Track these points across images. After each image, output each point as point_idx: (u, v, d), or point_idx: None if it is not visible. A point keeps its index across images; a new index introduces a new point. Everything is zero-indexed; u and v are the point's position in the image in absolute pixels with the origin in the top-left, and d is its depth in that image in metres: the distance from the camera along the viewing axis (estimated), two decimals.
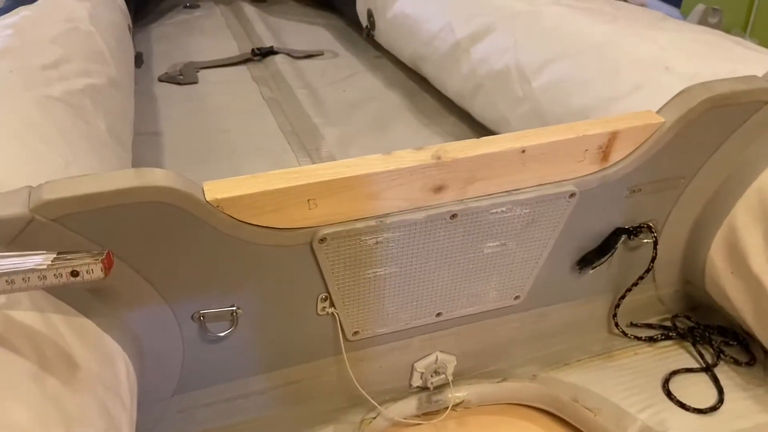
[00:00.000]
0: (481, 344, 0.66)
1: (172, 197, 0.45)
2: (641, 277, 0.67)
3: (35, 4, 0.95)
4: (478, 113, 1.06)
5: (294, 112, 1.23)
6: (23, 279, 0.35)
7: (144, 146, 1.06)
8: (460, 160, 0.52)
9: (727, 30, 1.47)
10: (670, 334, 0.72)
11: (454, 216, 0.55)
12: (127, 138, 0.85)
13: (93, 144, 0.66)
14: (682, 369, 0.67)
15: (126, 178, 0.44)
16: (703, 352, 0.70)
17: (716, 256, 0.65)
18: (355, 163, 0.51)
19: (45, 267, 0.35)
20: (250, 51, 1.50)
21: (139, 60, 1.40)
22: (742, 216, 0.62)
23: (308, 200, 0.50)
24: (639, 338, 0.71)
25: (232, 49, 1.57)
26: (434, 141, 1.12)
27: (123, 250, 0.46)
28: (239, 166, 1.05)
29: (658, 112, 0.59)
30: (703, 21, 1.35)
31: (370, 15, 1.45)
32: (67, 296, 0.44)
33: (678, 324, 0.73)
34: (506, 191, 0.56)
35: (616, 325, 0.71)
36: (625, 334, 0.71)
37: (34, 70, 0.71)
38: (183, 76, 1.39)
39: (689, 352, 0.70)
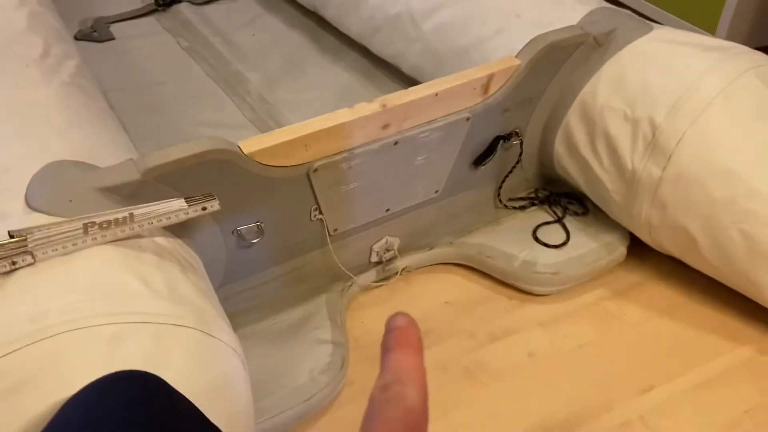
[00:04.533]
0: (415, 226, 0.95)
1: (226, 155, 0.69)
2: (514, 167, 0.98)
3: None
4: (378, 50, 1.29)
5: (215, 61, 1.40)
6: (175, 215, 0.59)
7: None
8: (398, 106, 0.79)
9: None
10: (534, 201, 1.04)
11: (396, 143, 0.82)
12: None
13: (107, 117, 0.85)
14: (543, 222, 0.99)
15: (197, 146, 0.66)
16: (556, 210, 1.03)
17: (559, 146, 0.97)
18: (332, 117, 0.76)
19: (187, 206, 0.59)
20: (153, 1, 1.61)
21: None
22: (572, 118, 0.94)
23: (305, 145, 0.75)
24: (515, 207, 1.04)
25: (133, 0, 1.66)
26: (343, 76, 1.35)
27: (194, 192, 0.69)
28: (189, 114, 1.23)
29: (516, 56, 0.88)
30: None
31: None
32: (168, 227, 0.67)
33: (539, 194, 1.04)
34: (427, 122, 0.83)
35: (500, 201, 1.03)
36: (506, 207, 1.03)
37: (38, 61, 0.86)
38: (98, 33, 1.49)
39: (547, 212, 1.02)
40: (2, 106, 0.74)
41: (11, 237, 0.54)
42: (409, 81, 1.24)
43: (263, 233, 0.80)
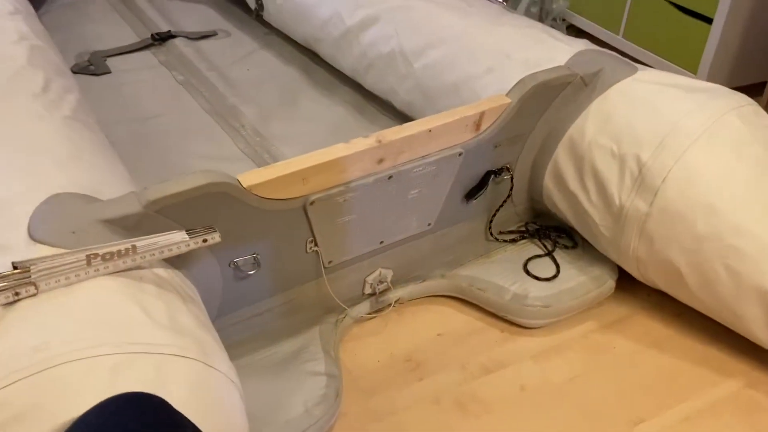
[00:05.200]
0: (408, 259, 0.97)
1: (224, 187, 0.70)
2: (504, 201, 1.01)
3: None
4: (370, 86, 1.33)
5: (210, 94, 1.42)
6: (177, 247, 0.60)
7: None
8: (393, 141, 0.81)
9: None
10: (525, 235, 1.06)
11: (390, 177, 0.84)
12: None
13: (107, 150, 0.87)
14: (534, 255, 1.01)
15: (198, 179, 0.68)
16: (546, 243, 1.05)
17: (548, 181, 1.00)
18: (329, 151, 0.78)
19: (188, 239, 0.60)
20: (149, 36, 1.64)
21: None
22: (561, 154, 0.96)
23: (302, 178, 0.77)
24: (506, 240, 1.06)
25: (127, 33, 1.69)
26: (336, 110, 1.38)
27: (193, 224, 0.71)
28: (184, 146, 1.24)
29: (506, 95, 0.91)
30: (527, 12, 1.73)
31: None
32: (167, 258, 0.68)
33: (529, 228, 1.07)
34: (421, 156, 0.85)
35: (491, 234, 1.05)
36: (497, 240, 1.05)
37: (39, 95, 0.88)
38: (94, 67, 1.51)
39: (537, 245, 1.04)
40: (5, 139, 0.75)
41: (15, 268, 0.55)
42: (400, 116, 1.27)
43: (259, 265, 0.81)
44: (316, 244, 0.84)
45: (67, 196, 0.66)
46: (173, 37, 1.64)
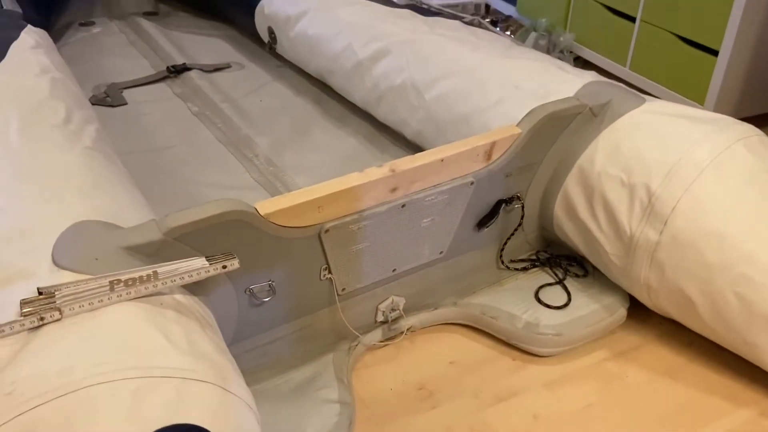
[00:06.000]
0: (421, 287, 0.98)
1: (242, 215, 0.72)
2: (515, 230, 1.02)
3: (4, 61, 1.09)
4: (382, 117, 1.35)
5: (224, 125, 1.45)
6: (197, 273, 0.61)
7: None
8: (406, 171, 0.83)
9: (552, 30, 1.89)
10: (536, 263, 1.07)
11: (403, 206, 0.86)
12: None
13: (126, 179, 0.89)
14: (545, 284, 1.02)
15: (217, 207, 0.70)
16: (557, 271, 1.06)
17: (559, 210, 1.01)
18: (344, 180, 0.79)
19: (208, 265, 0.62)
20: (165, 69, 1.68)
21: None
22: (571, 184, 0.98)
23: (318, 207, 0.78)
24: (517, 269, 1.07)
25: (143, 65, 1.74)
26: (348, 140, 1.41)
27: (210, 251, 0.72)
28: (198, 176, 1.27)
29: (517, 125, 0.93)
30: (536, 45, 1.77)
31: (271, 32, 1.68)
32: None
33: (540, 256, 1.08)
34: (433, 186, 0.87)
35: (503, 262, 1.06)
36: (508, 268, 1.06)
37: (61, 126, 0.90)
38: (111, 98, 1.55)
39: (548, 273, 1.05)
40: (30, 169, 0.77)
41: (40, 294, 0.56)
42: (411, 146, 1.29)
43: (274, 292, 0.82)
44: (330, 272, 0.85)
45: (90, 224, 0.68)
46: (188, 69, 1.69)
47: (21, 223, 0.67)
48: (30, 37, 1.18)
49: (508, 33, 1.95)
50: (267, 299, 0.82)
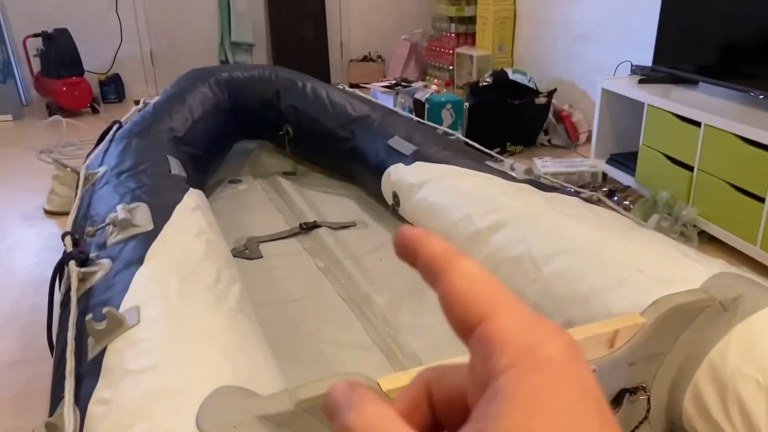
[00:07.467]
0: None
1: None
2: (641, 422, 0.97)
3: (169, 222, 1.24)
4: None
5: (347, 282, 1.54)
6: None
7: None
8: None
9: (673, 203, 1.88)
10: None
11: None
12: None
13: (262, 339, 0.96)
14: None
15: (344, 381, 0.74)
16: None
17: (689, 406, 0.96)
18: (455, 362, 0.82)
19: None
20: (297, 225, 1.83)
21: None
22: (701, 379, 0.93)
23: None
24: None
25: (279, 221, 1.90)
26: None
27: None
28: (320, 332, 1.33)
29: (641, 314, 0.92)
30: (658, 227, 1.78)
31: (395, 196, 1.80)
32: None
33: None
34: None
35: None
36: None
37: (212, 287, 1.01)
38: (249, 251, 1.70)
39: None
40: (183, 330, 0.86)
41: None
42: None
43: None
44: None
45: (230, 390, 0.74)
46: (318, 226, 1.82)
47: (171, 384, 0.74)
48: (191, 200, 1.35)
49: (627, 203, 1.97)
50: None
